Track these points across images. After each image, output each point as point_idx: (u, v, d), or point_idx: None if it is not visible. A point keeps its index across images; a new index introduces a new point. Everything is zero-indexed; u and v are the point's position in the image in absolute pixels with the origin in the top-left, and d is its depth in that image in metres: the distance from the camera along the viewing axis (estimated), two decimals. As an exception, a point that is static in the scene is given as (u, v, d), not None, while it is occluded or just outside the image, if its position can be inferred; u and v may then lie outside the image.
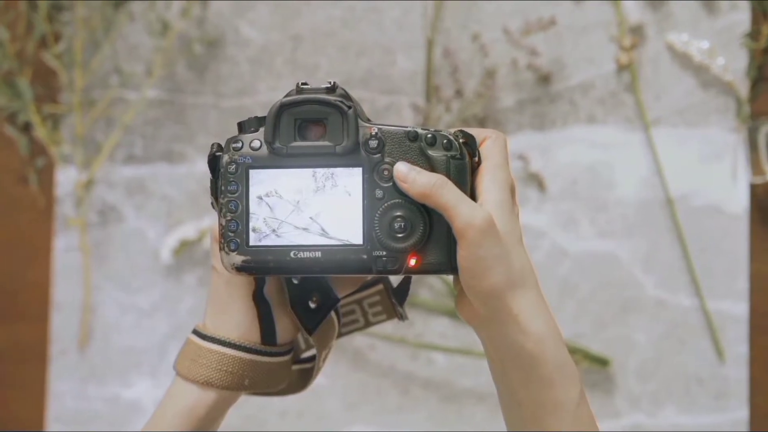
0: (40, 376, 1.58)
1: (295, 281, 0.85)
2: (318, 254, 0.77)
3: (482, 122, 1.50)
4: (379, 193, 0.76)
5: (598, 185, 1.49)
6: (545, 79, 1.50)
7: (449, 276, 0.79)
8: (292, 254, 0.77)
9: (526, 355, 0.76)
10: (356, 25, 1.55)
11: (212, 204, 0.81)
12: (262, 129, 0.78)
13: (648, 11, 1.49)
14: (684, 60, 1.49)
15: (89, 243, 1.57)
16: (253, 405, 1.53)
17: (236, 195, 0.78)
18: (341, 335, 0.94)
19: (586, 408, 0.79)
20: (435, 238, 0.76)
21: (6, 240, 1.60)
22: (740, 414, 1.46)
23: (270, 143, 0.78)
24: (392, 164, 0.76)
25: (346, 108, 0.77)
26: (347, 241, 0.77)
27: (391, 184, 0.76)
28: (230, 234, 0.78)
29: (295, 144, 0.78)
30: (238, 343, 0.85)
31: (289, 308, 0.86)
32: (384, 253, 0.76)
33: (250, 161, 0.78)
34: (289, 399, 1.52)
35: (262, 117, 0.79)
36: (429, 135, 0.77)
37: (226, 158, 0.78)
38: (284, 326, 0.88)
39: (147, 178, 1.57)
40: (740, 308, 1.46)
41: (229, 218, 0.78)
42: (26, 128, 1.58)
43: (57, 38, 1.58)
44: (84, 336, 1.57)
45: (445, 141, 0.77)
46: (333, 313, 0.90)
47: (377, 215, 0.76)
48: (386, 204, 0.76)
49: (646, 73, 1.49)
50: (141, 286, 1.57)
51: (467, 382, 1.50)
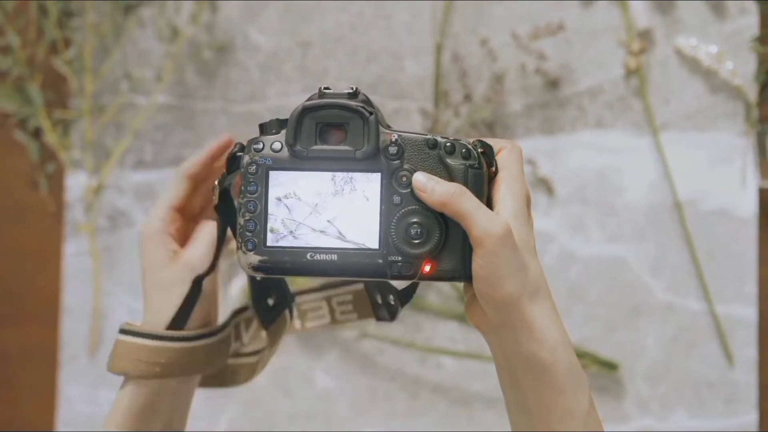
0: (51, 381, 1.58)
1: (259, 279, 0.88)
2: (334, 257, 0.78)
3: (491, 127, 1.50)
4: (397, 199, 0.77)
5: (607, 190, 1.50)
6: (554, 84, 1.51)
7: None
8: (309, 256, 0.78)
9: (539, 363, 0.76)
10: (365, 31, 1.55)
11: (213, 195, 0.84)
12: (284, 131, 0.79)
13: (656, 15, 1.49)
14: (693, 64, 1.49)
15: (99, 248, 1.58)
16: (262, 408, 1.53)
17: (255, 195, 0.79)
18: (307, 330, 0.96)
19: (595, 415, 0.79)
20: (450, 246, 0.77)
21: (16, 245, 1.60)
22: (750, 418, 1.46)
23: (291, 146, 0.78)
24: (411, 171, 0.77)
25: (368, 114, 0.77)
26: (363, 245, 0.77)
27: (409, 191, 0.77)
28: (248, 234, 0.79)
29: (316, 147, 0.78)
30: (141, 332, 0.89)
31: (251, 303, 0.90)
32: (399, 259, 0.77)
33: (271, 162, 0.79)
34: (299, 402, 1.53)
35: (284, 119, 0.79)
36: (448, 143, 0.77)
37: (247, 159, 0.79)
38: (201, 314, 0.90)
39: (156, 184, 1.58)
40: (749, 312, 1.47)
41: (248, 218, 0.79)
42: (36, 134, 1.59)
43: (67, 44, 1.58)
44: (94, 341, 1.57)
45: (464, 150, 0.77)
46: (287, 311, 0.94)
47: (394, 221, 0.77)
48: (403, 210, 0.77)
49: (655, 78, 1.50)
50: (151, 291, 1.57)
51: (476, 387, 1.51)
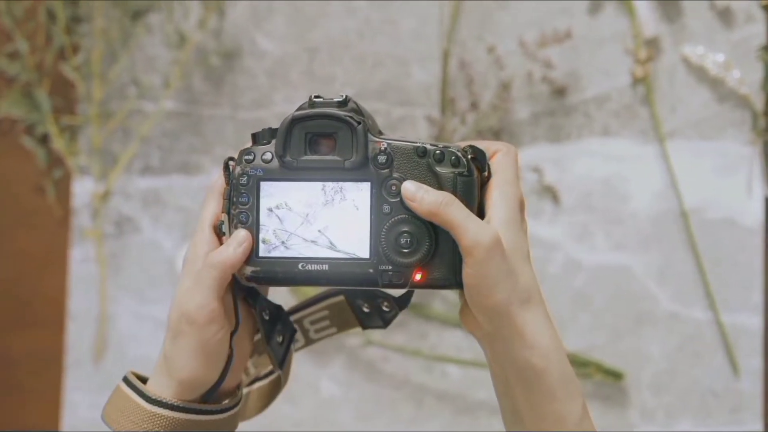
0: (56, 386, 1.58)
1: (266, 317, 0.84)
2: (325, 267, 0.78)
3: (497, 134, 1.50)
4: (387, 208, 0.77)
5: (613, 198, 1.49)
6: (560, 92, 1.50)
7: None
8: (300, 266, 0.78)
9: (531, 370, 0.76)
10: (372, 37, 1.55)
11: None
12: (275, 141, 0.79)
13: (663, 24, 1.49)
14: (699, 73, 1.48)
15: (105, 254, 1.58)
16: (267, 415, 1.53)
17: (247, 206, 0.79)
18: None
19: (589, 422, 0.79)
20: (441, 254, 0.77)
21: (23, 250, 1.61)
22: (755, 428, 1.46)
23: (281, 156, 0.78)
24: (400, 180, 0.77)
25: (356, 123, 0.77)
26: (354, 255, 0.77)
27: (399, 200, 0.76)
28: None
29: (306, 158, 0.78)
30: (177, 404, 0.80)
31: (265, 345, 0.84)
32: (390, 268, 0.77)
33: (262, 173, 0.79)
34: (304, 410, 1.53)
35: (275, 129, 0.79)
36: (437, 151, 0.77)
37: (239, 170, 0.79)
38: (231, 379, 0.83)
39: (163, 190, 1.58)
40: (755, 322, 1.46)
41: (239, 229, 0.79)
42: (44, 140, 1.59)
43: (75, 50, 1.59)
44: (100, 346, 1.57)
45: (453, 158, 0.77)
46: (292, 345, 0.88)
47: (384, 230, 0.77)
48: (393, 219, 0.77)
49: (662, 86, 1.49)
50: (157, 297, 1.57)
51: (481, 395, 1.50)
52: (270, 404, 0.93)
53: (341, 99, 0.78)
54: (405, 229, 0.76)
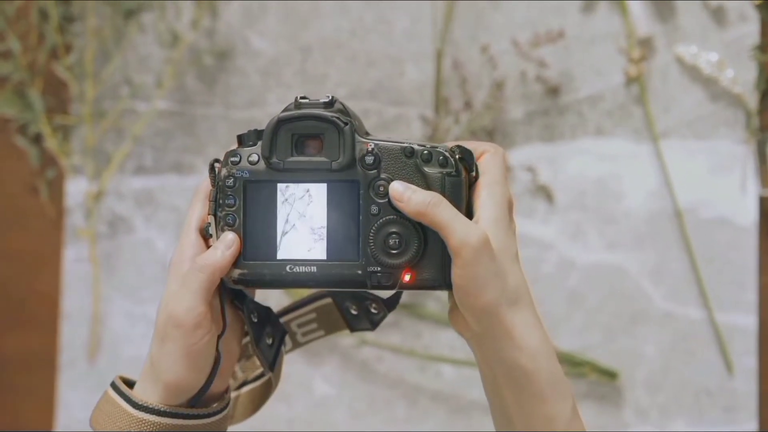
0: (50, 386, 1.58)
1: (255, 319, 0.83)
2: (314, 269, 0.77)
3: (491, 134, 1.50)
4: (375, 209, 0.76)
5: (607, 197, 1.49)
6: (554, 91, 1.50)
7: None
8: (288, 268, 0.78)
9: (520, 371, 0.76)
10: (365, 36, 1.55)
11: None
12: (261, 143, 0.78)
13: (657, 23, 1.49)
14: (693, 72, 1.48)
15: (99, 254, 1.58)
16: (261, 415, 1.53)
17: (234, 208, 0.78)
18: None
19: (578, 423, 0.79)
20: (429, 255, 0.76)
21: (16, 250, 1.60)
22: (749, 427, 1.45)
23: (267, 158, 0.77)
24: (388, 180, 0.76)
25: (343, 124, 0.77)
26: (343, 256, 0.77)
27: (387, 200, 0.76)
28: None
29: (292, 159, 0.78)
30: (163, 409, 0.79)
31: (254, 347, 0.83)
32: (379, 269, 0.76)
33: (248, 175, 0.78)
34: (298, 409, 1.53)
35: (261, 130, 0.79)
36: (425, 151, 0.76)
37: (225, 171, 0.79)
38: (219, 383, 0.82)
39: (157, 190, 1.58)
40: (749, 321, 1.46)
41: (227, 231, 0.79)
42: (37, 139, 1.59)
43: (68, 49, 1.59)
44: (93, 346, 1.57)
45: (441, 158, 0.76)
46: (282, 347, 0.88)
47: (372, 231, 0.76)
48: (381, 220, 0.76)
49: (655, 85, 1.49)
50: (150, 297, 1.57)
51: (476, 394, 1.50)
52: (260, 407, 0.93)
53: (327, 100, 0.78)
54: (393, 230, 0.76)
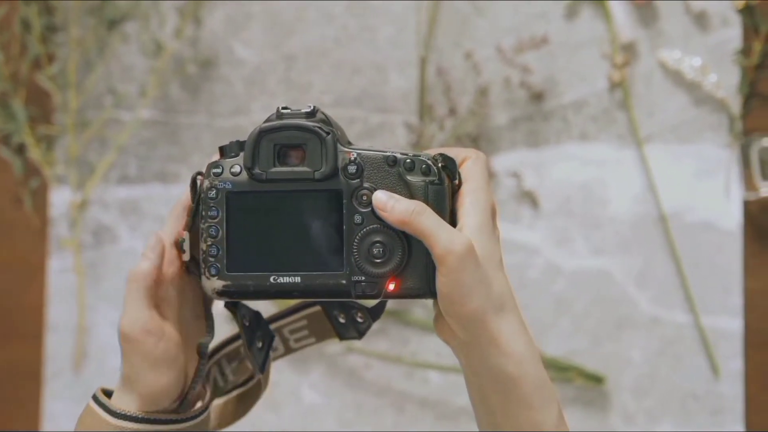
0: (35, 397, 1.58)
1: (246, 323, 0.84)
2: (297, 279, 0.77)
3: (476, 140, 1.50)
4: (358, 219, 0.76)
5: (592, 202, 1.49)
6: (538, 97, 1.50)
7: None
8: (272, 279, 0.77)
9: (506, 377, 0.76)
10: (349, 44, 1.55)
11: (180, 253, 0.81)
12: (243, 154, 0.78)
13: (640, 28, 1.49)
14: (676, 77, 1.49)
15: (83, 264, 1.57)
16: (248, 423, 1.53)
17: (216, 220, 0.78)
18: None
19: (565, 428, 0.79)
20: (413, 263, 0.76)
21: (0, 261, 1.60)
22: (736, 430, 1.46)
23: (249, 169, 0.77)
24: (371, 189, 0.76)
25: (325, 134, 0.77)
26: (327, 266, 0.77)
27: (370, 210, 0.76)
28: (211, 259, 0.78)
29: (275, 170, 0.77)
30: (141, 416, 0.80)
31: (246, 351, 0.84)
32: (363, 278, 0.76)
33: (230, 186, 0.78)
34: (285, 417, 1.52)
35: (244, 141, 0.79)
36: (408, 160, 0.76)
37: (207, 183, 0.79)
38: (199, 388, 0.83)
39: (141, 199, 1.57)
40: (735, 324, 1.46)
41: (210, 243, 0.78)
42: (20, 150, 1.59)
43: (51, 59, 1.58)
44: (79, 357, 1.57)
45: (424, 166, 0.76)
46: (270, 352, 0.88)
47: (356, 240, 0.76)
48: (365, 229, 0.76)
49: (639, 90, 1.49)
50: (136, 307, 1.56)
51: (463, 401, 1.50)
52: (249, 410, 0.93)
53: (309, 110, 0.78)
54: (377, 239, 0.76)
